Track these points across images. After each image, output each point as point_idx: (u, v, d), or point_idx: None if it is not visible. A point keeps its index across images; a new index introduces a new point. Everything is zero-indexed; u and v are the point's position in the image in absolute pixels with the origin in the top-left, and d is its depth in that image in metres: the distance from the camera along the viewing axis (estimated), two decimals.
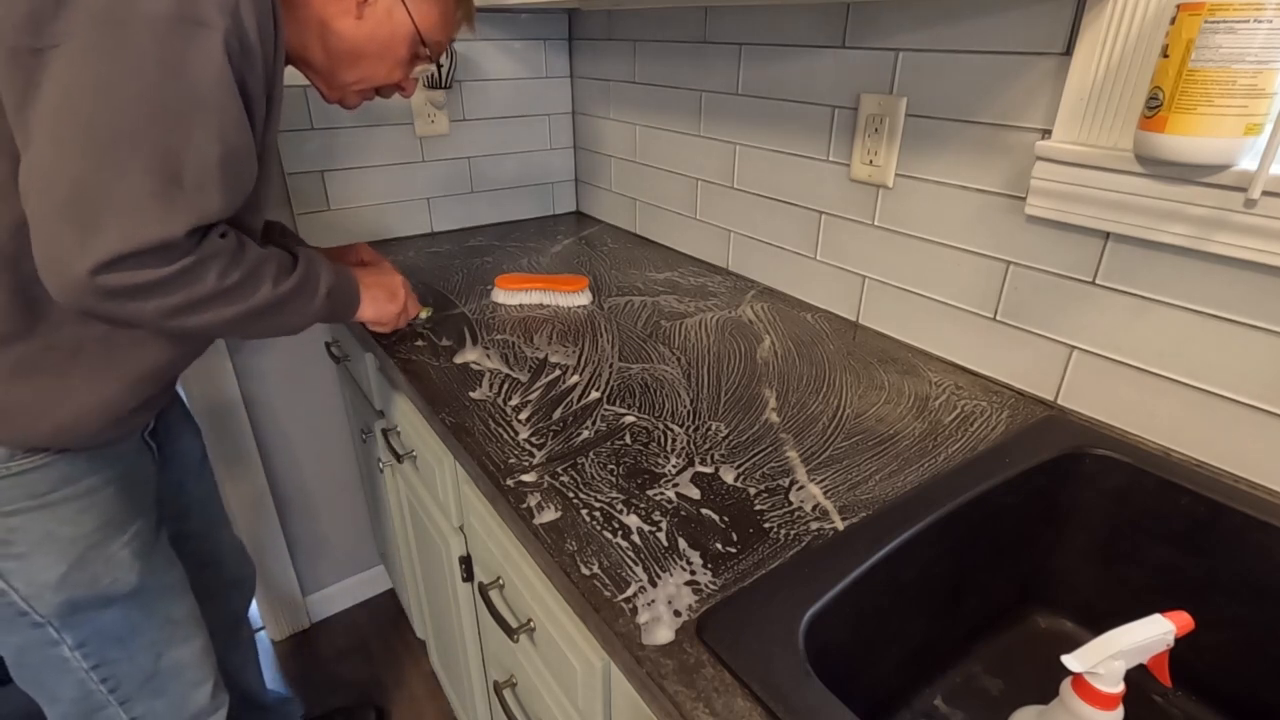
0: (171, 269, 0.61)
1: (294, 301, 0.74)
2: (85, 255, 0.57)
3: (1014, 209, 0.82)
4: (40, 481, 0.73)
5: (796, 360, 0.94)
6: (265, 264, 0.70)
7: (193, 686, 0.91)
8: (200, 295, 0.64)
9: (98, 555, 0.78)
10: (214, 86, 0.60)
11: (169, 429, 0.97)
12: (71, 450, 0.74)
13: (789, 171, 1.10)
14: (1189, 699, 0.69)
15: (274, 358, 1.41)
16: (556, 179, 1.65)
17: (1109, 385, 0.78)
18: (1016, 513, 0.72)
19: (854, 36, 0.94)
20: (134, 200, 0.58)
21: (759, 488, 0.68)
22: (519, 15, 1.44)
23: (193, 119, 0.60)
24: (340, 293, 0.81)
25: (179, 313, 0.64)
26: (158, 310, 0.63)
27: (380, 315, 0.90)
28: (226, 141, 0.62)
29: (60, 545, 0.76)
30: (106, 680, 0.83)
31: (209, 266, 0.64)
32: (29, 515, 0.73)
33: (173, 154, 0.59)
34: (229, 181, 0.63)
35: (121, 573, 0.81)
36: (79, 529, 0.77)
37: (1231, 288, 0.66)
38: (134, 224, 0.58)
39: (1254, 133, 0.59)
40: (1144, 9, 0.65)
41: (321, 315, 0.79)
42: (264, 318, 0.71)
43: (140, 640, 0.84)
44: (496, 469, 0.71)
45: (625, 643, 0.51)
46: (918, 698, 0.70)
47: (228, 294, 0.66)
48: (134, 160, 0.57)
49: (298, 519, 1.57)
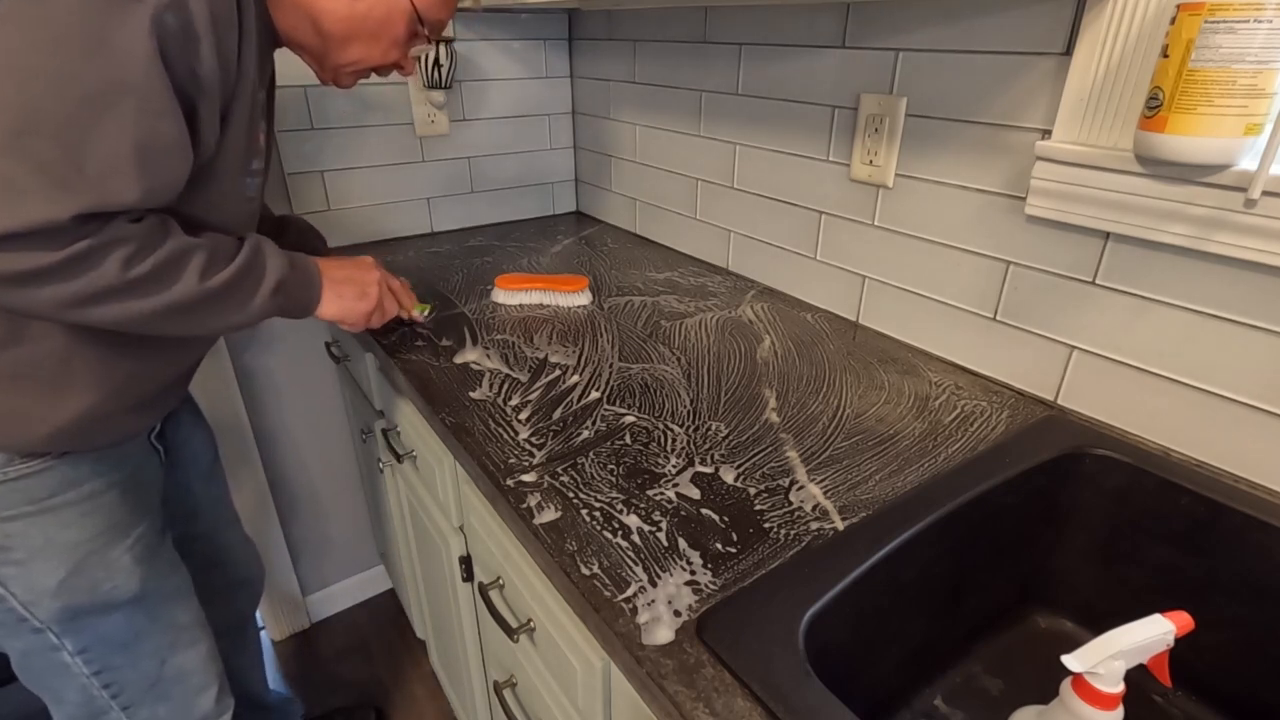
0: (60, 255, 0.57)
1: (229, 296, 0.68)
2: None
3: (1014, 209, 0.82)
4: (39, 487, 0.72)
5: (796, 360, 0.94)
6: (189, 254, 0.65)
7: (197, 692, 0.90)
8: (101, 286, 0.60)
9: (98, 561, 0.77)
10: (137, 69, 0.56)
11: (178, 431, 0.96)
12: (73, 454, 0.73)
13: (789, 171, 1.10)
14: (1189, 699, 0.69)
15: (274, 358, 1.41)
16: (556, 179, 1.65)
17: (1109, 385, 0.78)
18: (1016, 513, 0.72)
19: (854, 36, 0.94)
20: (20, 180, 0.54)
21: (759, 488, 0.68)
22: (519, 15, 1.44)
23: (107, 102, 0.56)
24: (296, 286, 0.76)
25: (79, 303, 0.60)
26: (53, 299, 0.59)
27: (345, 314, 0.84)
28: (146, 129, 0.58)
29: (59, 551, 0.74)
30: (109, 686, 0.82)
31: (108, 254, 0.59)
32: (28, 521, 0.72)
33: (76, 137, 0.55)
34: (146, 171, 0.59)
35: (122, 579, 0.79)
36: (80, 534, 0.75)
37: (1231, 288, 0.66)
38: (15, 204, 0.54)
39: (1254, 133, 0.59)
40: (1144, 9, 0.65)
41: (270, 311, 0.73)
42: (191, 313, 0.66)
43: (144, 646, 0.83)
44: (496, 469, 0.71)
45: (625, 643, 0.51)
46: (918, 698, 0.70)
47: (136, 285, 0.61)
48: (31, 139, 0.54)
49: (298, 519, 1.57)
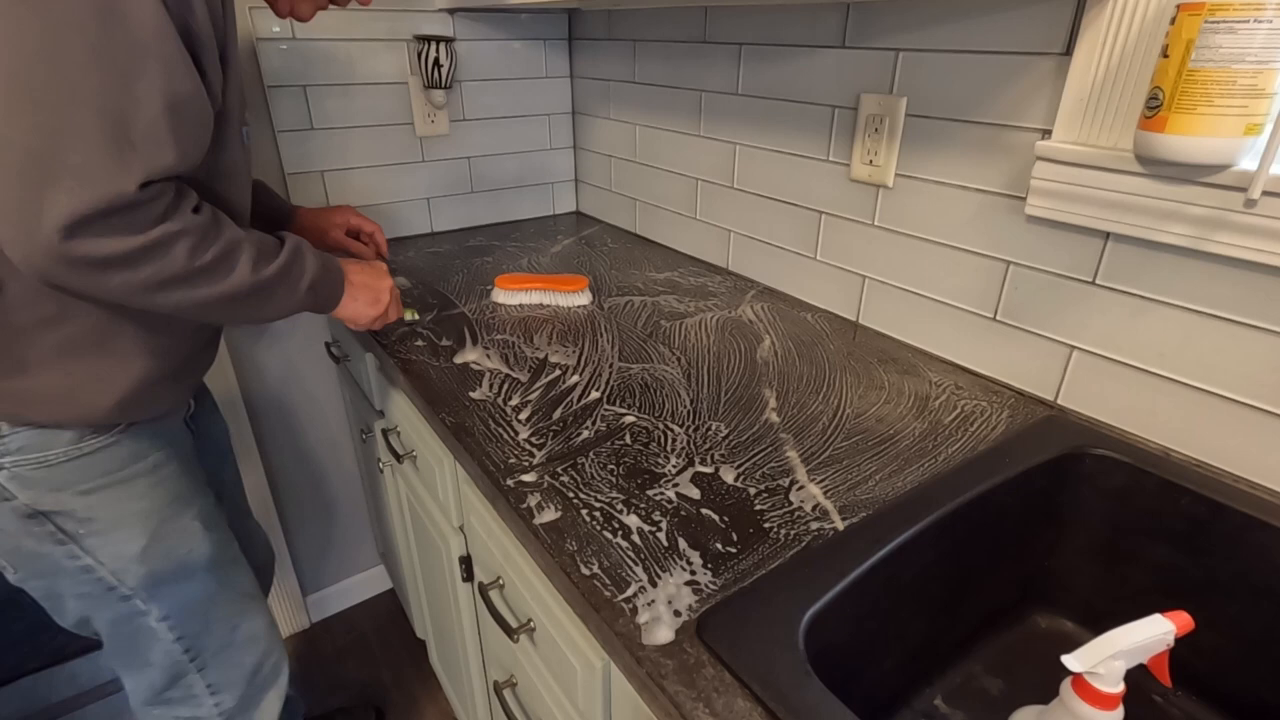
0: (139, 240, 0.59)
1: (274, 289, 0.72)
2: (45, 221, 0.55)
3: (1014, 209, 0.82)
4: (112, 459, 0.76)
5: (796, 360, 0.94)
6: (242, 246, 0.68)
7: (264, 656, 0.95)
8: (169, 274, 0.63)
9: (172, 528, 0.82)
10: (153, 32, 0.57)
11: (203, 415, 0.99)
12: (134, 428, 0.77)
13: (789, 171, 1.10)
14: (1189, 699, 0.69)
15: (274, 357, 1.41)
16: (556, 179, 1.65)
17: (1109, 385, 0.78)
18: (1016, 513, 0.72)
19: (854, 36, 0.94)
20: (83, 158, 0.56)
21: (759, 488, 0.68)
22: (519, 15, 1.44)
23: (133, 69, 0.57)
24: (324, 286, 0.79)
25: (148, 290, 0.63)
26: (124, 285, 0.61)
27: (356, 316, 0.87)
28: (172, 89, 0.59)
29: (138, 519, 0.79)
30: (189, 650, 0.86)
31: (179, 242, 0.62)
32: (106, 493, 0.76)
33: (117, 107, 0.57)
34: (180, 131, 0.61)
35: (196, 543, 0.84)
36: (152, 503, 0.80)
37: (1231, 288, 0.66)
38: (85, 182, 0.56)
39: (1254, 133, 0.59)
40: (1144, 9, 0.65)
41: (303, 305, 0.77)
42: (242, 303, 0.70)
43: (217, 611, 0.88)
44: (496, 469, 0.71)
45: (625, 643, 0.51)
46: (918, 698, 0.70)
47: (199, 274, 0.65)
48: (78, 117, 0.55)
49: (298, 519, 1.57)
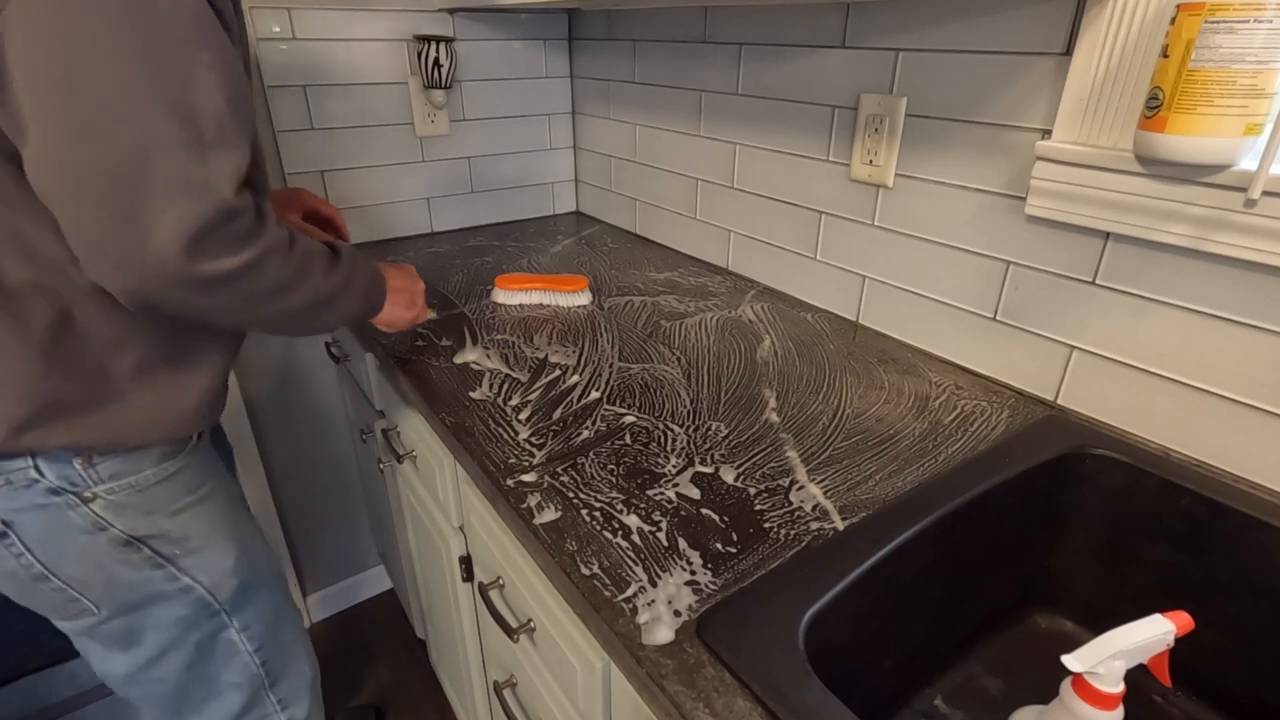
0: (247, 254, 0.57)
1: (340, 296, 0.71)
2: (157, 244, 0.51)
3: (1014, 209, 0.82)
4: (193, 475, 0.76)
5: (796, 360, 0.94)
6: (313, 253, 0.67)
7: (307, 660, 0.96)
8: (266, 287, 0.61)
9: (249, 538, 0.83)
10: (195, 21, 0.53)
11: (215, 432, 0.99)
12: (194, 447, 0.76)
13: (789, 171, 1.10)
14: (1189, 699, 0.69)
15: (274, 357, 1.41)
16: (556, 179, 1.65)
17: (1109, 385, 0.78)
18: (1016, 513, 0.72)
19: (854, 36, 0.94)
20: (175, 169, 0.52)
21: (759, 488, 0.68)
22: (519, 15, 1.44)
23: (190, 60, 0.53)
24: (374, 292, 0.78)
25: (246, 304, 0.60)
26: (226, 303, 0.59)
27: (394, 320, 0.86)
28: (227, 77, 0.55)
29: (225, 533, 0.79)
30: (265, 664, 0.86)
31: (274, 254, 0.60)
32: (194, 510, 0.76)
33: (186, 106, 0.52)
34: (242, 121, 0.57)
35: (265, 554, 0.85)
36: (231, 516, 0.80)
37: (1231, 288, 0.66)
38: (188, 194, 0.52)
39: (1254, 133, 0.59)
40: (1144, 9, 0.65)
41: (358, 314, 0.76)
42: (313, 313, 0.68)
43: (283, 622, 0.89)
44: (496, 469, 0.71)
45: (625, 643, 0.51)
46: (918, 698, 0.70)
47: (288, 285, 0.63)
48: (155, 124, 0.51)
49: (298, 519, 1.56)
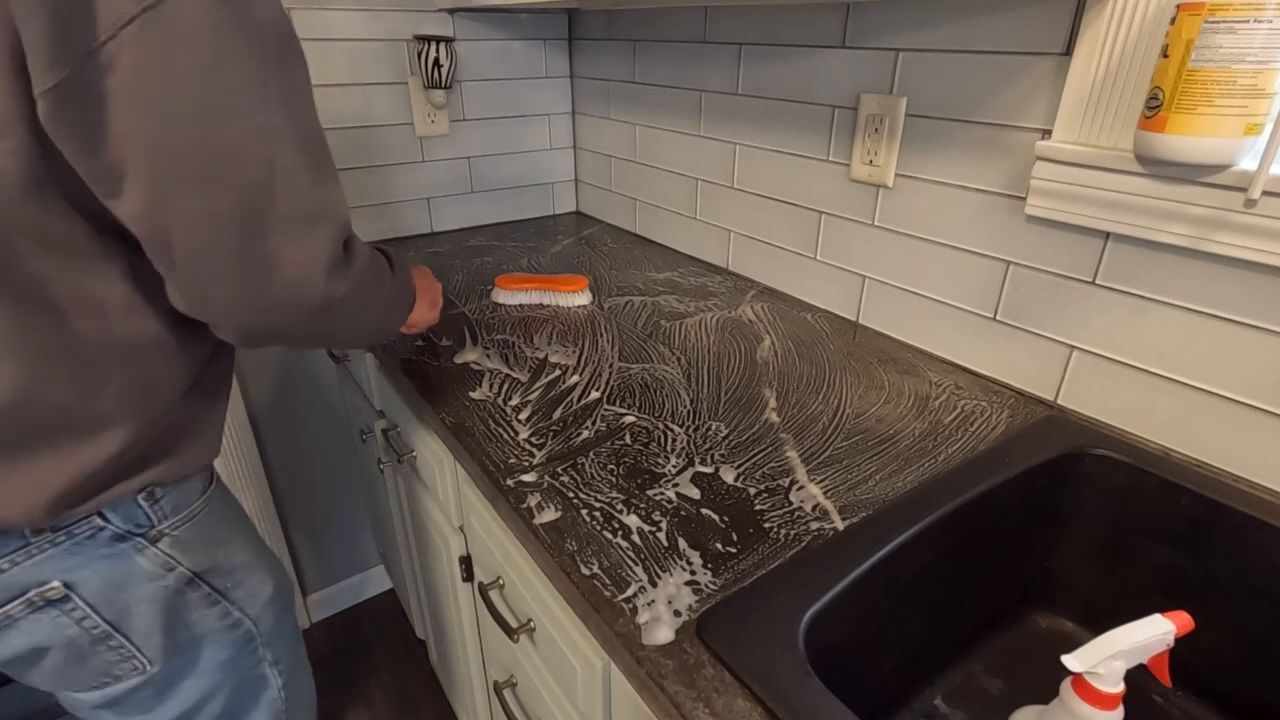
0: (356, 272, 0.55)
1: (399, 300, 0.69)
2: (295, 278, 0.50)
3: (1014, 209, 0.82)
4: (224, 507, 0.72)
5: (796, 360, 0.94)
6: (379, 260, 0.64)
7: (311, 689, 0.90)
8: (366, 299, 0.59)
9: (276, 563, 0.79)
10: (290, 31, 0.50)
11: None
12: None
13: (789, 171, 1.10)
14: (1189, 699, 0.69)
15: (274, 357, 1.41)
16: (556, 179, 1.65)
17: (1109, 385, 0.78)
18: (1016, 513, 0.72)
19: (854, 36, 0.94)
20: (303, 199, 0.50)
21: (759, 488, 0.68)
22: (519, 15, 1.44)
23: (301, 81, 0.51)
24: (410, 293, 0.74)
25: (349, 319, 0.59)
26: (341, 319, 0.57)
27: (419, 321, 0.83)
28: (310, 84, 0.53)
29: (260, 561, 0.75)
30: (288, 699, 0.81)
31: (369, 268, 0.58)
32: (234, 540, 0.72)
33: (305, 133, 0.51)
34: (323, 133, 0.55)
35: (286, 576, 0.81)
36: (258, 543, 0.77)
37: (1231, 288, 0.66)
38: (320, 224, 0.51)
39: (1254, 133, 0.59)
40: (1144, 9, 0.65)
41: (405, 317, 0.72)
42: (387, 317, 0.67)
43: (299, 648, 0.84)
44: (496, 469, 0.71)
45: (625, 643, 0.51)
46: (918, 698, 0.70)
47: (374, 295, 0.61)
48: (283, 156, 0.49)
49: (298, 519, 1.57)
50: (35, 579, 0.57)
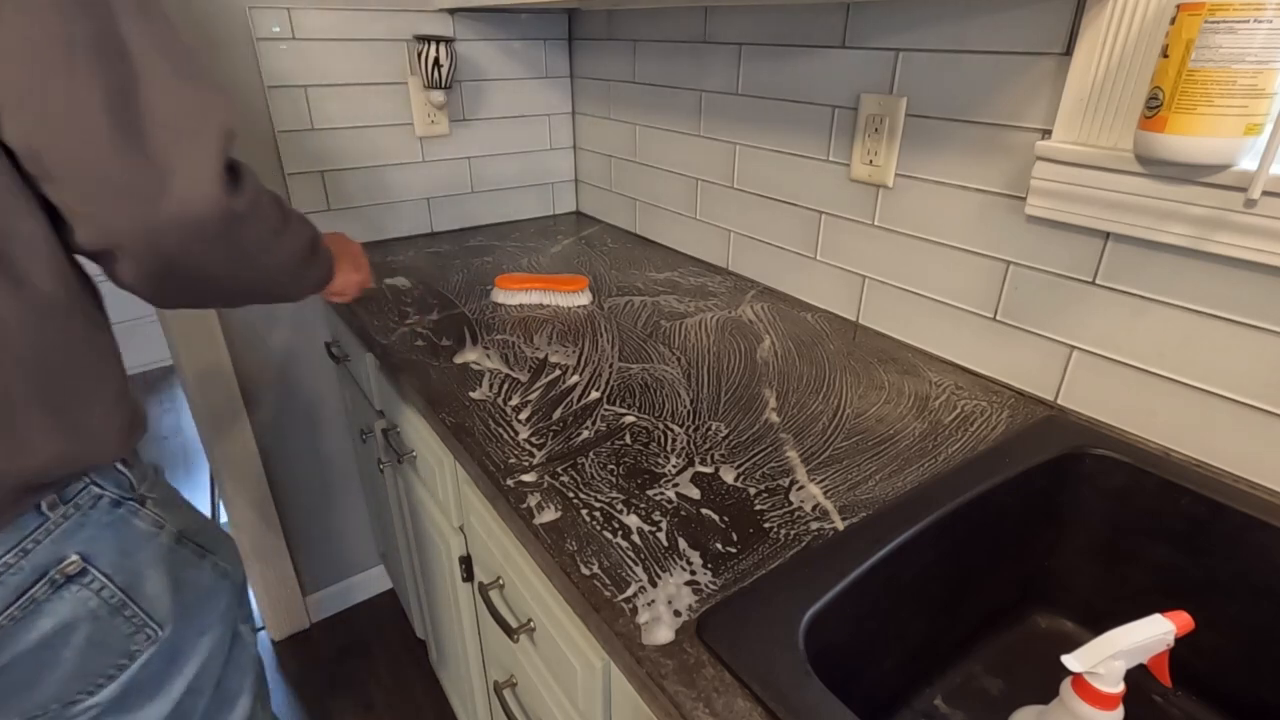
0: (249, 189, 0.55)
1: (317, 250, 0.69)
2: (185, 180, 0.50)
3: (1014, 209, 0.82)
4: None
5: (796, 360, 0.94)
6: (283, 201, 0.65)
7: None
8: (269, 226, 0.59)
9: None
10: None
11: None
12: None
13: (789, 171, 1.10)
14: (1189, 699, 0.69)
15: (274, 358, 1.41)
16: (556, 179, 1.65)
17: (1109, 385, 0.78)
18: (1016, 513, 0.72)
19: (854, 36, 0.94)
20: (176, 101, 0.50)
21: (759, 488, 0.68)
22: (519, 15, 1.44)
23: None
24: (319, 240, 0.73)
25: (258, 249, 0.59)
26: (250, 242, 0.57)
27: (346, 286, 0.85)
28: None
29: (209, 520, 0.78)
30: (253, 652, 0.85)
31: (264, 191, 0.59)
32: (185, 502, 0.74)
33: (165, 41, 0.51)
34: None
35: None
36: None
37: (1231, 288, 0.66)
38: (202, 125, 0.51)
39: (1254, 133, 0.59)
40: (1144, 9, 0.65)
41: (325, 277, 0.73)
42: (304, 266, 0.67)
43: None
44: (496, 469, 0.71)
45: (625, 643, 0.51)
46: (918, 698, 0.70)
47: (280, 228, 0.61)
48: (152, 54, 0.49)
49: (298, 519, 1.57)
50: (55, 556, 0.59)
